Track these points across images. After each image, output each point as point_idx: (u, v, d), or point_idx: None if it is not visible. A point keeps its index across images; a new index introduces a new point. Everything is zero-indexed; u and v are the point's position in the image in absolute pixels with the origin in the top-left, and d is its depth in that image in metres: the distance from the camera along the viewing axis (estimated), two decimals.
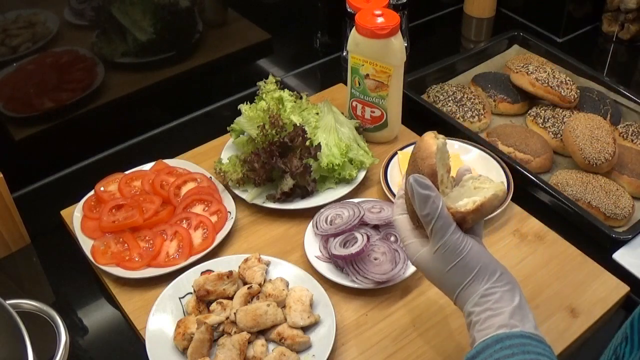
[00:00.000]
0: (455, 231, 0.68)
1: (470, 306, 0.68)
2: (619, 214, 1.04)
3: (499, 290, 0.67)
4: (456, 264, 0.68)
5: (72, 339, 0.88)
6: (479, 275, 0.68)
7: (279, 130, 1.03)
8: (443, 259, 0.69)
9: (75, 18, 1.08)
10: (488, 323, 0.66)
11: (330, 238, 0.96)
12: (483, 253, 0.70)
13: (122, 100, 1.20)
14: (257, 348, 0.84)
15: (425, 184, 0.68)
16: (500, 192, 0.70)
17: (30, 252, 1.03)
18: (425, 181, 0.68)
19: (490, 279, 0.68)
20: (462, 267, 0.68)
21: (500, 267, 0.69)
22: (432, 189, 0.68)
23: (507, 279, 0.69)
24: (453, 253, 0.68)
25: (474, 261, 0.68)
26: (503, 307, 0.66)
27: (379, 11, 1.07)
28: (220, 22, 1.30)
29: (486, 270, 0.68)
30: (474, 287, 0.68)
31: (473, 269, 0.68)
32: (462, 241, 0.68)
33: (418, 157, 0.71)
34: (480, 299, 0.67)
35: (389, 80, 1.10)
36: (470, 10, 1.59)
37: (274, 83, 1.12)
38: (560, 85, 1.24)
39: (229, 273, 0.89)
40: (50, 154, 1.16)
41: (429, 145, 0.70)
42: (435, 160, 0.69)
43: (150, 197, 1.03)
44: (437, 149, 0.70)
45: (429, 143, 0.71)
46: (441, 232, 0.68)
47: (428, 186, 0.68)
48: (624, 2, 1.45)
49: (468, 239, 0.69)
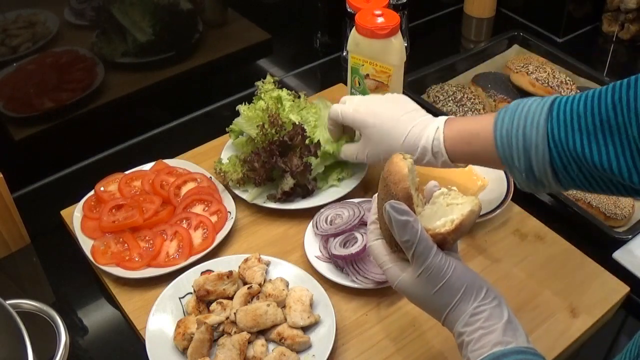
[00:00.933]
0: (437, 253, 0.67)
1: (460, 326, 0.67)
2: (619, 214, 1.04)
3: (488, 307, 0.67)
4: (442, 286, 0.67)
5: (72, 339, 0.88)
6: (465, 294, 0.67)
7: (278, 129, 1.03)
8: (427, 283, 0.68)
9: (75, 18, 1.08)
10: (482, 342, 0.65)
11: (330, 238, 0.96)
12: (466, 271, 0.69)
13: (122, 100, 1.20)
14: (257, 348, 0.84)
15: (402, 209, 0.67)
16: (476, 207, 0.69)
17: (30, 252, 1.03)
18: (401, 207, 0.67)
19: (478, 297, 0.67)
20: (448, 288, 0.67)
21: (485, 283, 0.69)
22: (409, 213, 0.67)
23: (493, 294, 0.68)
24: (437, 276, 0.67)
25: (459, 281, 0.68)
26: (494, 324, 0.66)
27: (379, 11, 1.07)
28: (220, 22, 1.30)
29: (472, 288, 0.68)
30: (463, 307, 0.67)
31: (459, 289, 0.67)
32: (445, 262, 0.68)
33: (390, 182, 0.69)
34: (470, 318, 0.67)
35: (389, 80, 1.10)
36: (470, 10, 1.59)
37: (272, 82, 1.12)
38: (560, 85, 1.24)
39: (229, 273, 0.89)
40: (50, 154, 1.16)
41: (400, 168, 0.69)
42: (408, 183, 0.68)
43: (150, 197, 1.03)
44: (408, 170, 0.69)
45: (400, 166, 0.69)
46: (423, 256, 0.67)
47: (405, 211, 0.67)
48: (624, 2, 1.45)
49: (450, 259, 0.68)
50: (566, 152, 0.72)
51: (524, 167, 0.76)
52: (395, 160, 0.70)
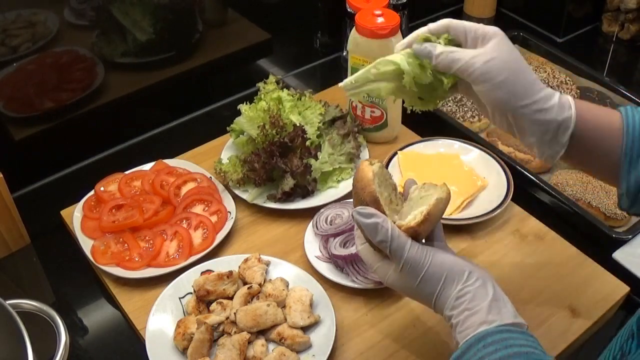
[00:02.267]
0: (412, 246, 0.69)
1: (448, 311, 0.69)
2: (619, 214, 1.04)
3: (472, 288, 0.68)
4: (422, 276, 0.69)
5: (72, 339, 0.88)
6: (447, 280, 0.69)
7: (279, 130, 1.03)
8: (409, 275, 0.70)
9: (75, 18, 1.08)
10: (468, 323, 0.67)
11: (330, 238, 0.96)
12: (446, 257, 0.70)
13: (122, 100, 1.20)
14: (257, 348, 0.84)
15: (368, 213, 0.69)
16: (444, 194, 0.71)
17: (30, 252, 1.03)
18: (368, 210, 0.69)
19: (460, 280, 0.69)
20: (429, 278, 0.69)
21: (467, 266, 0.70)
22: (376, 215, 0.69)
23: (476, 275, 0.69)
24: (416, 268, 0.69)
25: (439, 269, 0.69)
26: (478, 304, 0.67)
27: (379, 11, 1.07)
28: (220, 22, 1.30)
29: (453, 273, 0.69)
30: (447, 293, 0.69)
31: (441, 277, 0.69)
32: (422, 253, 0.69)
33: (358, 188, 0.72)
34: (455, 302, 0.68)
35: None
36: (470, 10, 1.59)
37: (274, 83, 1.12)
38: (560, 85, 1.24)
39: (229, 273, 0.89)
40: (50, 154, 1.16)
41: (365, 174, 0.72)
42: (374, 186, 0.71)
43: (150, 197, 1.03)
44: (373, 174, 0.71)
45: (365, 171, 0.72)
46: (399, 252, 0.69)
47: (372, 214, 0.69)
48: (624, 2, 1.45)
49: (427, 249, 0.70)
50: None
51: None
52: (362, 166, 0.73)
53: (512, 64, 0.72)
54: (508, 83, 0.71)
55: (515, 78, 0.71)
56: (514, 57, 0.72)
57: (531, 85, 0.72)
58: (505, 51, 0.72)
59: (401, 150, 1.12)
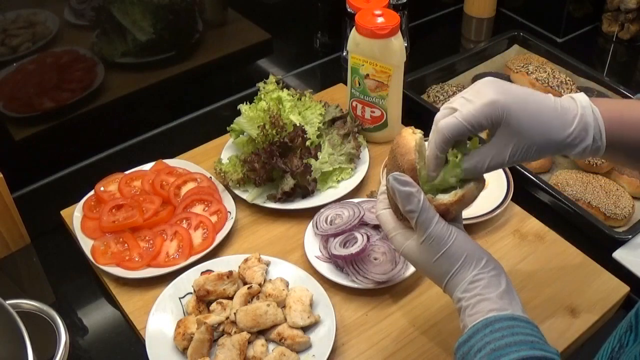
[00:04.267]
0: (439, 222, 0.69)
1: (459, 293, 0.69)
2: (619, 214, 1.04)
3: (486, 276, 0.69)
4: (443, 253, 0.69)
5: (72, 339, 0.88)
6: (465, 263, 0.69)
7: (279, 130, 1.03)
8: (430, 250, 0.70)
9: (75, 18, 1.08)
10: (478, 308, 0.67)
11: (330, 238, 0.96)
12: (468, 241, 0.71)
13: (122, 100, 1.20)
14: (257, 348, 0.84)
15: (405, 180, 0.69)
16: (480, 182, 0.72)
17: (30, 252, 1.03)
18: (404, 178, 0.69)
19: (477, 266, 0.69)
20: (448, 256, 0.69)
21: (485, 254, 0.71)
22: (412, 184, 0.69)
23: (492, 264, 0.70)
24: (439, 243, 0.69)
25: (459, 250, 0.69)
26: (491, 291, 0.68)
27: (379, 11, 1.07)
28: (220, 22, 1.30)
29: (472, 257, 0.69)
30: (462, 275, 0.69)
31: (459, 258, 0.69)
32: (447, 231, 0.69)
33: (397, 154, 0.72)
34: (468, 285, 0.69)
35: (389, 80, 1.10)
36: (470, 10, 1.59)
37: (274, 83, 1.12)
38: (560, 85, 1.24)
39: (229, 273, 0.89)
40: (50, 154, 1.16)
41: (408, 141, 0.71)
42: (414, 155, 0.70)
43: (150, 197, 1.03)
44: (415, 144, 0.71)
45: (407, 139, 0.72)
46: (425, 225, 0.69)
47: (408, 182, 0.69)
48: (624, 2, 1.45)
49: (452, 228, 0.70)
50: None
51: None
52: (404, 134, 0.72)
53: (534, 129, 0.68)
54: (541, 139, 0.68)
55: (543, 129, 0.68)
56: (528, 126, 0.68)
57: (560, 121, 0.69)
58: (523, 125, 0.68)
59: None
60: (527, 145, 0.68)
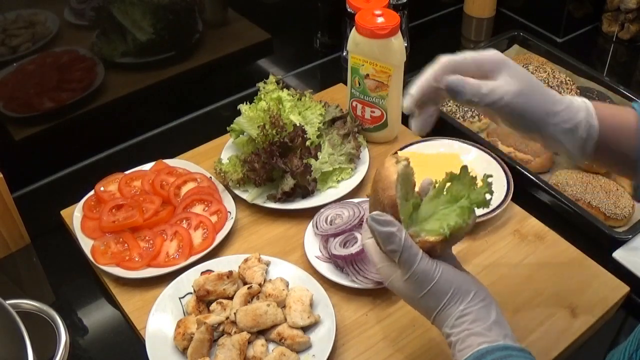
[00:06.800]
0: (422, 259, 0.67)
1: (448, 329, 0.68)
2: (619, 214, 1.04)
3: (475, 309, 0.67)
4: (428, 290, 0.68)
5: (72, 339, 0.88)
6: (452, 298, 0.68)
7: (279, 130, 1.03)
8: (415, 286, 0.68)
9: (75, 18, 1.08)
10: (467, 342, 0.66)
11: (330, 238, 0.96)
12: (455, 275, 0.69)
13: (122, 100, 1.20)
14: (257, 348, 0.84)
15: (384, 220, 0.67)
16: (471, 220, 0.68)
17: (30, 252, 1.03)
18: (384, 218, 0.67)
19: (465, 300, 0.67)
20: (434, 292, 0.68)
21: (474, 285, 0.69)
22: (392, 223, 0.67)
23: (481, 296, 0.68)
24: (424, 280, 0.67)
25: (446, 285, 0.68)
26: (480, 324, 0.66)
27: (379, 11, 1.07)
28: (220, 22, 1.30)
29: (460, 291, 0.68)
30: (450, 310, 0.68)
31: (446, 293, 0.68)
32: (432, 267, 0.68)
33: (379, 188, 0.69)
34: (456, 320, 0.67)
35: (389, 80, 1.10)
36: (470, 10, 1.59)
37: (274, 83, 1.12)
38: (560, 85, 1.24)
39: (229, 273, 0.89)
40: (50, 154, 1.16)
41: (389, 174, 0.68)
42: (394, 191, 0.67)
43: (150, 197, 1.03)
44: (398, 176, 0.68)
45: (389, 171, 0.68)
46: (409, 263, 0.67)
47: (388, 222, 0.67)
48: (624, 2, 1.45)
49: (437, 264, 0.68)
50: None
51: None
52: (387, 164, 0.69)
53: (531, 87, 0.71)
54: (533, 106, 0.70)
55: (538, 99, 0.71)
56: (528, 80, 0.71)
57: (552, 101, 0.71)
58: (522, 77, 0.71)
59: (401, 150, 1.12)
60: (518, 91, 0.70)
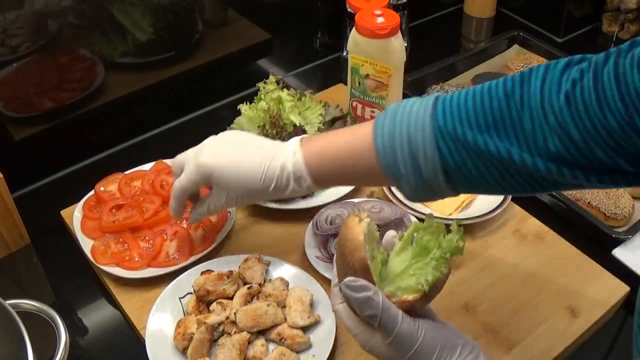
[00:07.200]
0: (404, 320, 0.64)
1: None
2: (618, 214, 1.04)
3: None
4: (414, 352, 0.64)
5: (72, 339, 0.88)
6: (440, 356, 0.64)
7: (279, 130, 1.03)
8: (399, 349, 0.64)
9: (75, 18, 1.08)
10: None
11: (330, 238, 0.96)
12: (438, 331, 0.66)
13: (122, 100, 1.20)
14: (257, 348, 0.84)
15: (359, 286, 0.62)
16: (446, 270, 0.65)
17: (30, 252, 1.03)
18: (358, 283, 0.63)
19: (453, 356, 0.65)
20: (420, 353, 0.64)
21: (459, 339, 0.67)
22: (368, 287, 0.62)
23: (468, 348, 0.66)
24: (408, 342, 0.64)
25: (432, 344, 0.64)
26: None
27: (379, 11, 1.07)
28: (220, 22, 1.30)
29: (446, 348, 0.65)
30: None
31: (433, 352, 0.64)
32: (414, 328, 0.64)
33: (346, 250, 0.64)
34: None
35: (389, 80, 1.10)
36: (470, 10, 1.59)
37: (274, 83, 1.12)
38: None
39: (229, 273, 0.89)
40: (50, 154, 1.16)
41: (355, 235, 0.64)
42: (364, 252, 0.63)
43: (150, 197, 1.03)
44: (364, 235, 0.64)
45: (355, 232, 0.64)
46: (390, 326, 0.63)
47: (363, 287, 0.62)
48: (624, 2, 1.45)
49: (419, 323, 0.65)
50: (460, 151, 0.68)
51: (412, 174, 0.70)
52: (350, 224, 0.65)
53: None
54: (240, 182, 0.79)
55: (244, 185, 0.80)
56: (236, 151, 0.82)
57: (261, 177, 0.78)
58: None
59: None
60: (234, 196, 0.82)
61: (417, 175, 0.70)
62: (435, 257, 0.65)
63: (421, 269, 0.65)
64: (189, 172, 0.83)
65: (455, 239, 0.65)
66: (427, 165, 0.69)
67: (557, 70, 0.66)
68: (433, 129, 0.69)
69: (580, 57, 0.67)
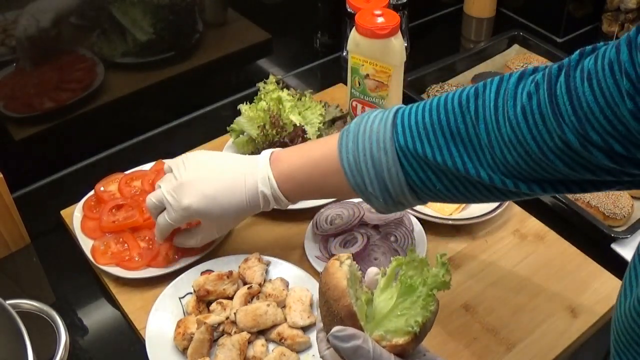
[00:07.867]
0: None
1: None
2: (618, 214, 1.04)
3: None
4: None
5: (72, 339, 0.88)
6: None
7: (279, 130, 1.03)
8: None
9: (75, 18, 1.08)
10: None
11: (330, 238, 0.96)
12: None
13: (122, 100, 1.20)
14: (257, 348, 0.84)
15: (347, 335, 0.59)
16: (435, 307, 0.62)
17: (30, 252, 1.03)
18: (346, 333, 0.59)
19: None
20: None
21: None
22: (356, 336, 0.59)
23: None
24: None
25: None
26: None
27: (379, 11, 1.07)
28: (220, 22, 1.30)
29: None
30: None
31: None
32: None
33: (330, 298, 0.61)
34: None
35: (389, 80, 1.10)
36: (470, 10, 1.59)
37: (274, 83, 1.12)
38: None
39: (229, 273, 0.89)
40: (50, 154, 1.16)
41: (338, 281, 0.61)
42: (349, 299, 0.60)
43: None
44: (347, 281, 0.61)
45: (337, 278, 0.61)
46: None
47: (352, 336, 0.59)
48: (624, 2, 1.45)
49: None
50: (423, 168, 0.70)
51: (380, 191, 0.73)
52: (331, 270, 0.63)
53: None
54: None
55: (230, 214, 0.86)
56: None
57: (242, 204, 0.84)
58: None
59: None
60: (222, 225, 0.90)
61: (385, 192, 0.73)
62: (422, 295, 0.61)
63: (409, 308, 0.62)
64: (175, 217, 0.86)
65: (441, 273, 0.62)
66: (392, 183, 0.72)
67: (511, 82, 0.67)
68: (395, 148, 0.71)
69: (532, 68, 0.68)
